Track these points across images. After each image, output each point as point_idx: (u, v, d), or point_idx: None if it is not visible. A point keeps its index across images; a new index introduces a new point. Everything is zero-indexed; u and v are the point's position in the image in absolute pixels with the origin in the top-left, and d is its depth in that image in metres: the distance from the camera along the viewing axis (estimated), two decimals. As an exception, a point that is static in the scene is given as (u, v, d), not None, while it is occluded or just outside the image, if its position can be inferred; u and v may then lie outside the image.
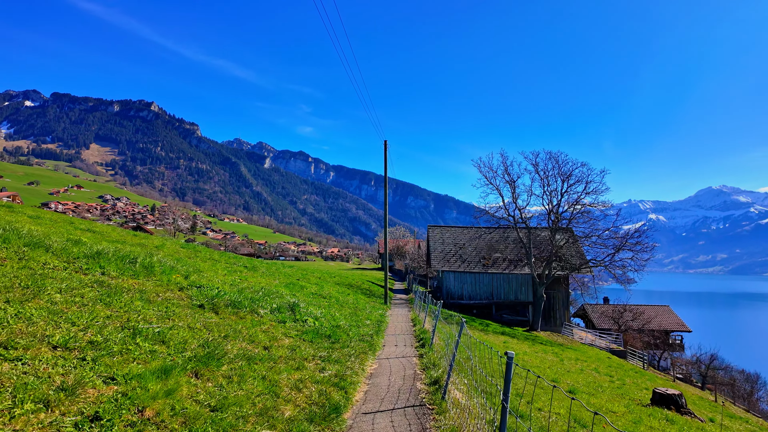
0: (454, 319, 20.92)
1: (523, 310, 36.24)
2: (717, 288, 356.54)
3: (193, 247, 22.63)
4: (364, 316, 14.13)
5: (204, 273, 12.79)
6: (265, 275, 17.45)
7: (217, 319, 7.34)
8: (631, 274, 32.25)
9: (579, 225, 33.03)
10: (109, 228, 20.64)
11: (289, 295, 12.92)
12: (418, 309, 21.08)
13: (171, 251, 17.73)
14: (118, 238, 17.38)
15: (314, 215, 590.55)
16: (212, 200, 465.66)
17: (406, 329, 14.36)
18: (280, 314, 9.12)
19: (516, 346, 21.84)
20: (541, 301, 32.62)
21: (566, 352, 24.84)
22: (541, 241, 37.32)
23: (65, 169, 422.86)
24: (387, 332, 13.24)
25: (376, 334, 10.95)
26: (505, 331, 27.32)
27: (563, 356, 22.65)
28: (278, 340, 7.37)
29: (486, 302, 35.13)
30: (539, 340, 27.63)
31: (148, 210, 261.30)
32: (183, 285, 8.58)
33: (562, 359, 20.91)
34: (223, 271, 14.67)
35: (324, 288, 19.76)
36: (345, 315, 12.58)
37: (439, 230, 39.77)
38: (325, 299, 15.44)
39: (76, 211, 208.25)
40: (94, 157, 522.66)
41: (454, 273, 35.19)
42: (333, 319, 10.75)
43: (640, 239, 31.63)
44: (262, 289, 12.44)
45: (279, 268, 23.51)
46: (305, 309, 10.20)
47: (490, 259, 36.16)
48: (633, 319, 53.89)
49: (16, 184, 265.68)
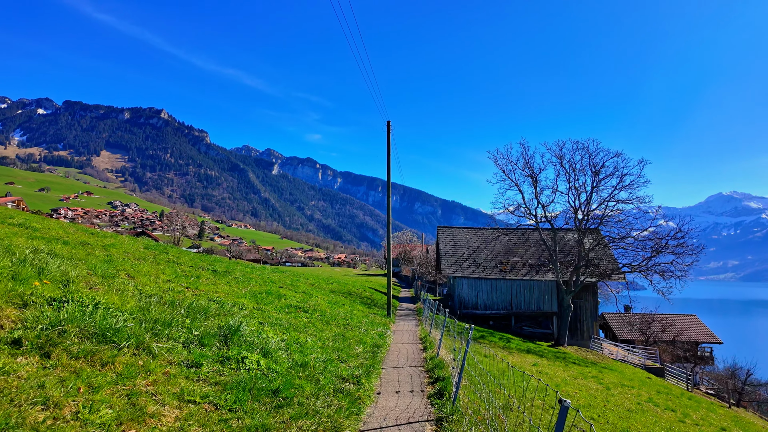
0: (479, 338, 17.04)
1: (545, 321, 32.13)
2: (729, 295, 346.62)
3: (162, 247, 19.03)
4: (355, 339, 10.35)
5: (134, 278, 9.21)
6: (234, 282, 13.77)
7: (34, 369, 3.67)
8: (668, 281, 28.18)
9: (611, 225, 28.93)
10: (54, 223, 17.12)
11: (249, 310, 9.25)
12: (428, 323, 17.27)
13: (123, 250, 14.20)
14: (57, 235, 13.85)
15: (322, 221, 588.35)
16: (221, 206, 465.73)
17: (413, 355, 10.56)
18: (198, 349, 5.41)
19: (550, 368, 17.90)
20: (568, 312, 28.56)
21: (606, 375, 20.79)
22: (565, 244, 33.27)
23: (76, 175, 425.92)
24: (386, 362, 9.44)
25: (367, 375, 7.15)
26: (530, 348, 23.32)
27: (605, 380, 18.64)
28: (148, 416, 3.66)
29: (504, 312, 31.10)
30: (570, 359, 23.60)
31: (156, 216, 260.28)
32: (41, 296, 5.02)
33: (607, 386, 16.94)
34: (169, 275, 11.03)
35: (312, 298, 16.01)
36: (325, 339, 8.82)
37: (450, 231, 35.88)
38: (306, 314, 11.69)
39: (85, 217, 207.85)
40: (105, 163, 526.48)
41: (468, 279, 31.25)
42: (300, 350, 7.01)
43: (683, 240, 27.50)
44: (212, 301, 8.77)
45: (262, 273, 19.81)
46: (253, 336, 6.46)
47: (508, 264, 32.17)
48: (662, 330, 49.57)
49: (28, 191, 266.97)
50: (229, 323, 6.19)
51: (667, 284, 27.84)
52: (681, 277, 28.20)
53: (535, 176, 28.80)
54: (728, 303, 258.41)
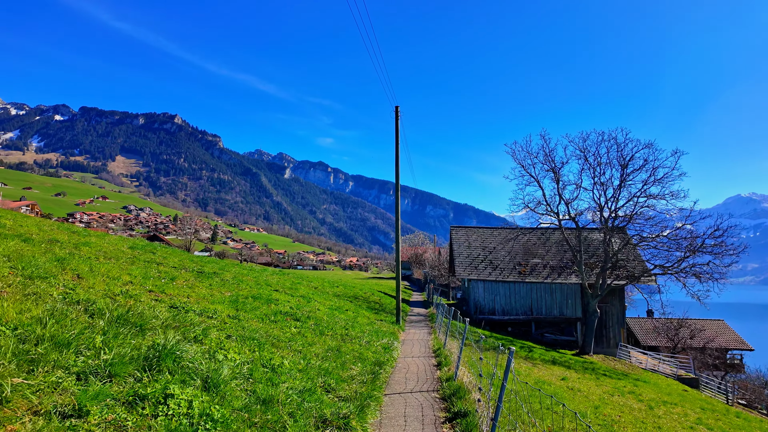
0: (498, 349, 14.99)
1: (569, 328, 29.82)
2: (748, 299, 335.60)
3: (151, 248, 17.40)
4: (353, 354, 8.42)
5: (84, 280, 7.55)
6: (219, 285, 12.00)
7: None
8: (704, 285, 25.82)
9: (641, 223, 26.57)
10: (32, 221, 15.56)
11: (219, 319, 7.42)
12: (442, 331, 15.28)
13: (98, 249, 12.58)
14: (23, 232, 12.25)
15: (333, 225, 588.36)
16: (233, 210, 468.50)
17: (425, 374, 8.60)
18: (98, 384, 3.57)
19: (581, 383, 15.76)
20: (594, 318, 26.27)
21: (642, 389, 18.54)
22: (589, 244, 30.96)
23: (92, 180, 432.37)
24: (391, 385, 7.50)
25: (360, 412, 5.16)
26: (555, 359, 21.13)
27: (644, 396, 16.42)
28: None
29: (523, 318, 28.87)
30: (599, 370, 21.35)
31: (170, 220, 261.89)
32: None
33: (648, 404, 14.75)
34: (135, 276, 9.30)
35: (310, 303, 14.13)
36: (312, 357, 6.91)
37: (464, 231, 33.78)
38: (297, 322, 9.82)
39: (100, 221, 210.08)
40: (120, 168, 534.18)
41: (484, 282, 29.11)
42: (269, 376, 5.10)
43: (722, 238, 25.08)
44: (173, 308, 6.99)
45: (259, 275, 18.04)
46: (199, 359, 4.60)
47: (528, 266, 29.95)
48: (691, 336, 46.75)
49: (45, 195, 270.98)
50: (160, 342, 4.34)
51: (703, 288, 25.51)
52: (719, 280, 25.84)
53: (556, 170, 26.63)
54: (748, 307, 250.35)
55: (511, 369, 4.31)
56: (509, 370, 4.25)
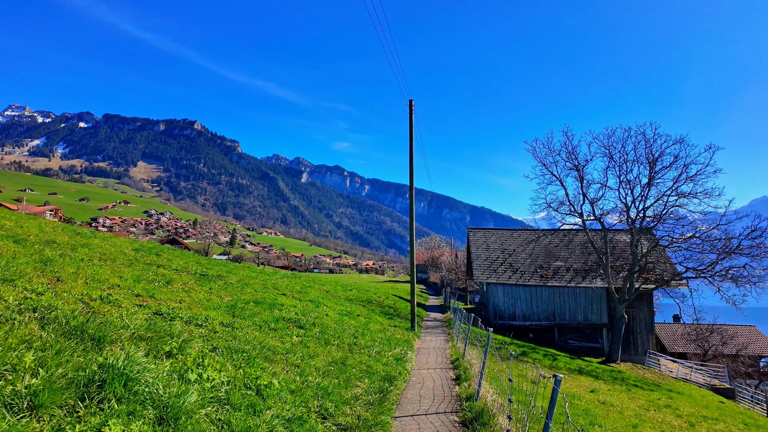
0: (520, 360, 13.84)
1: (594, 334, 28.32)
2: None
3: (157, 250, 16.82)
4: (361, 367, 7.50)
5: (64, 283, 6.86)
6: (220, 289, 11.24)
7: None
8: (740, 289, 24.24)
9: (670, 224, 25.02)
10: (34, 222, 15.13)
11: (209, 328, 6.62)
12: (460, 339, 14.24)
13: (97, 251, 12.03)
14: (20, 234, 11.77)
15: (350, 228, 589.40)
16: (251, 214, 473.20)
17: (441, 391, 7.63)
18: (13, 420, 2.72)
19: (610, 394, 14.51)
20: (621, 324, 24.82)
21: (677, 401, 17.13)
22: (615, 246, 29.47)
23: (114, 186, 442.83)
24: (402, 405, 6.55)
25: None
26: (582, 368, 19.82)
27: (681, 410, 15.06)
28: None
29: (546, 324, 27.51)
30: (629, 380, 19.94)
31: (190, 224, 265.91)
32: None
33: (688, 420, 13.42)
34: (126, 278, 8.59)
35: (319, 308, 13.27)
36: (311, 373, 6.00)
37: (483, 233, 32.56)
38: (301, 330, 8.96)
39: (122, 225, 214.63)
40: (141, 174, 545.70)
41: (504, 286, 27.87)
42: (250, 402, 4.22)
43: (760, 239, 23.40)
44: (157, 315, 6.21)
45: (268, 278, 17.27)
46: (161, 381, 3.75)
47: (550, 269, 28.59)
48: (723, 342, 44.49)
49: (69, 201, 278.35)
50: (111, 361, 3.50)
51: (739, 292, 23.95)
52: (757, 284, 24.18)
53: (580, 168, 25.32)
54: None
55: (557, 400, 3.32)
56: (554, 403, 3.27)
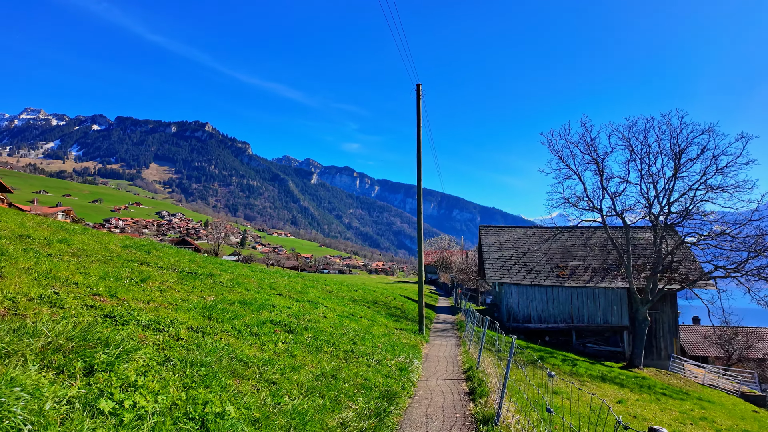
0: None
1: (614, 337, 26.75)
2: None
3: (149, 247, 15.79)
4: (354, 381, 6.27)
5: (5, 279, 5.78)
6: (206, 288, 10.12)
7: None
8: None
9: (697, 219, 23.39)
10: (13, 217, 14.19)
11: (175, 334, 5.47)
12: (473, 343, 12.94)
13: (76, 246, 11.02)
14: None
15: (359, 229, 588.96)
16: (262, 215, 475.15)
17: (452, 409, 6.38)
18: None
19: (639, 405, 13.10)
20: (644, 326, 23.27)
21: (711, 411, 15.62)
22: (636, 244, 27.85)
23: (127, 187, 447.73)
24: (404, 429, 5.32)
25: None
26: (604, 374, 18.37)
27: (717, 422, 13.59)
28: None
29: (563, 327, 26.03)
30: (656, 387, 18.44)
31: (201, 225, 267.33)
32: None
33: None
34: (91, 276, 7.51)
35: (317, 309, 12.09)
36: (288, 392, 4.80)
37: (495, 231, 31.15)
38: (291, 334, 7.78)
39: (134, 226, 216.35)
40: (153, 175, 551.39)
41: (518, 286, 26.46)
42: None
43: (795, 237, 21.69)
44: (108, 317, 5.09)
45: (266, 277, 16.15)
46: (50, 414, 2.60)
47: (567, 269, 27.10)
48: (748, 345, 42.58)
49: (82, 202, 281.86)
50: None
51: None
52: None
53: (599, 161, 23.83)
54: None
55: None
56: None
